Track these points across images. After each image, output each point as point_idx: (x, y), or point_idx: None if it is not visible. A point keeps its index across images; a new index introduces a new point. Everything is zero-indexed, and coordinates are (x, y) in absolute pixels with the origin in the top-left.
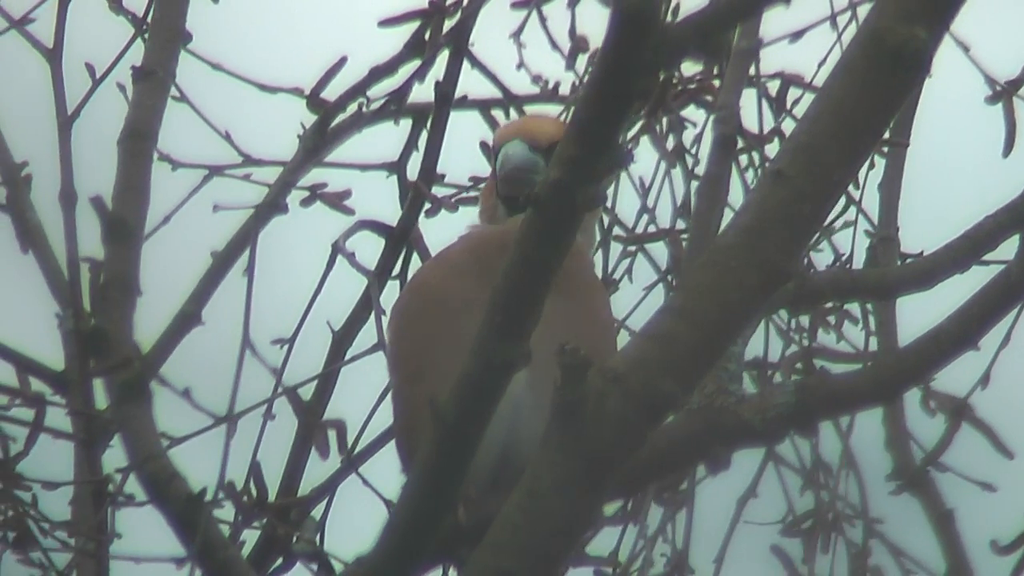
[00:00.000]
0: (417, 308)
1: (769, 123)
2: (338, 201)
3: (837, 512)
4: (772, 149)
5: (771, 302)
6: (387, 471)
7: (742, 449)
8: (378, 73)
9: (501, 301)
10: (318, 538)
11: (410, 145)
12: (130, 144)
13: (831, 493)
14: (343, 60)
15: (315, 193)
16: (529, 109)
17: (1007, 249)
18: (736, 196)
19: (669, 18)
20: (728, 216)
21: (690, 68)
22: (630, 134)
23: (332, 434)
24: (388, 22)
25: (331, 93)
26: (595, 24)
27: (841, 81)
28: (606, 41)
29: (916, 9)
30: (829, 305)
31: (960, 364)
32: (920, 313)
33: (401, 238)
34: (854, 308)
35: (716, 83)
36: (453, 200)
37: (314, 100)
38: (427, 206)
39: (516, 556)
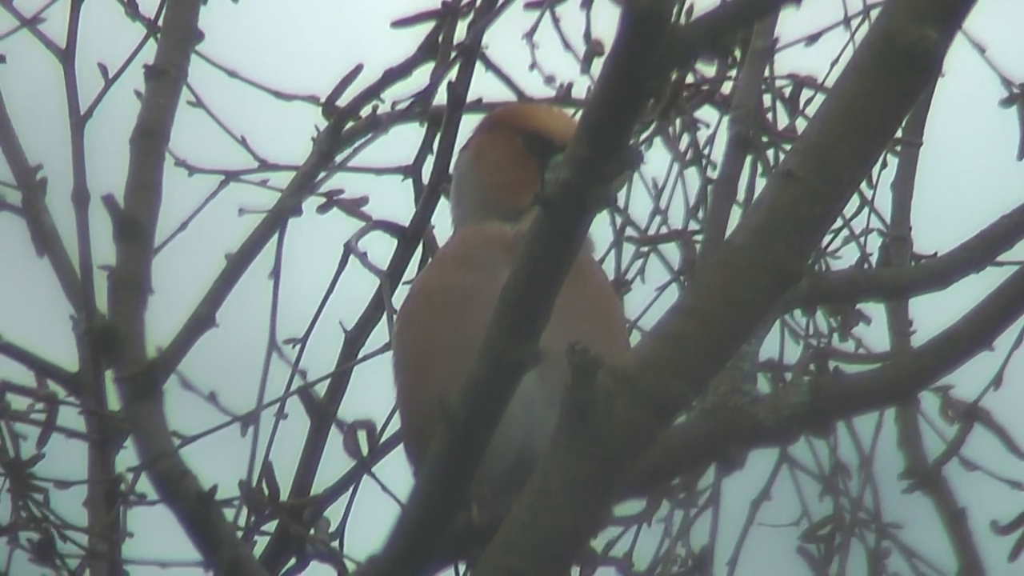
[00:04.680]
0: (422, 309)
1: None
2: (355, 208)
3: (855, 517)
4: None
5: (786, 301)
6: (400, 471)
7: (757, 449)
8: (392, 76)
9: (511, 301)
10: (337, 538)
11: (425, 148)
12: (142, 143)
13: (849, 498)
14: (359, 67)
15: (332, 199)
16: None
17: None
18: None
19: (681, 19)
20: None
21: (705, 69)
22: (644, 135)
23: (363, 435)
24: (401, 23)
25: (346, 98)
26: (608, 25)
27: (852, 82)
28: (617, 42)
29: (927, 10)
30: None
31: (974, 364)
32: (934, 314)
33: (414, 238)
34: (867, 308)
35: (730, 81)
36: None
37: (329, 108)
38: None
39: (526, 556)
